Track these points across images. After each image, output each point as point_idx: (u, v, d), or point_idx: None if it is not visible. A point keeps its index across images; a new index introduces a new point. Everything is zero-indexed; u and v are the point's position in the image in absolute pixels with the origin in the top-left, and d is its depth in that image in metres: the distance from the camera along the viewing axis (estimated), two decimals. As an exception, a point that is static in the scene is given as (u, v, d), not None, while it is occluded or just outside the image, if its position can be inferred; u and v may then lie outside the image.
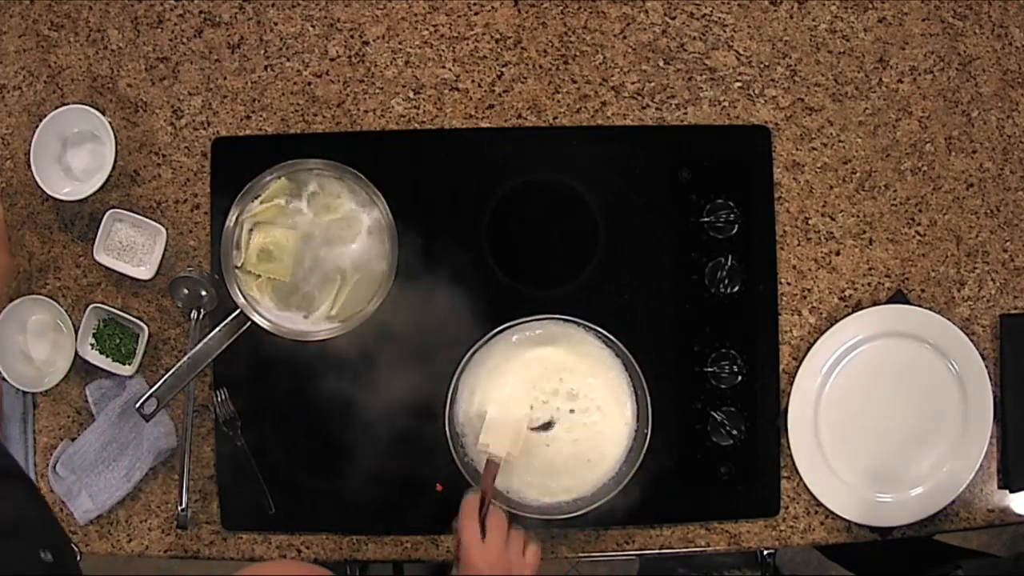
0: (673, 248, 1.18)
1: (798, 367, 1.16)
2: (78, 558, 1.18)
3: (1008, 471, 1.17)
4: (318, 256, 1.12)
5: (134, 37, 1.22)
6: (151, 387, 1.10)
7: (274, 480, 1.16)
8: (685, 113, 1.20)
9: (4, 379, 1.19)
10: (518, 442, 1.06)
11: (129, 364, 1.17)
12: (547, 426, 1.10)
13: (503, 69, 1.21)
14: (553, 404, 1.10)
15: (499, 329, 1.10)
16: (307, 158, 1.11)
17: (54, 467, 1.18)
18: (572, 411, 1.10)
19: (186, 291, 1.16)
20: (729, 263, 1.16)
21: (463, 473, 1.08)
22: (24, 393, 1.19)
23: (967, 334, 1.16)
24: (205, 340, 1.11)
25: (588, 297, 1.17)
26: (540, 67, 1.21)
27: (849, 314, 1.17)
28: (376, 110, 1.21)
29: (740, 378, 1.16)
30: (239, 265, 1.10)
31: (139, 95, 1.22)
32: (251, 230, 1.11)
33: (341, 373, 1.14)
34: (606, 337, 1.10)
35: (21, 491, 0.77)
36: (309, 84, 1.21)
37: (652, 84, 1.21)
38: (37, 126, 1.18)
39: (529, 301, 1.16)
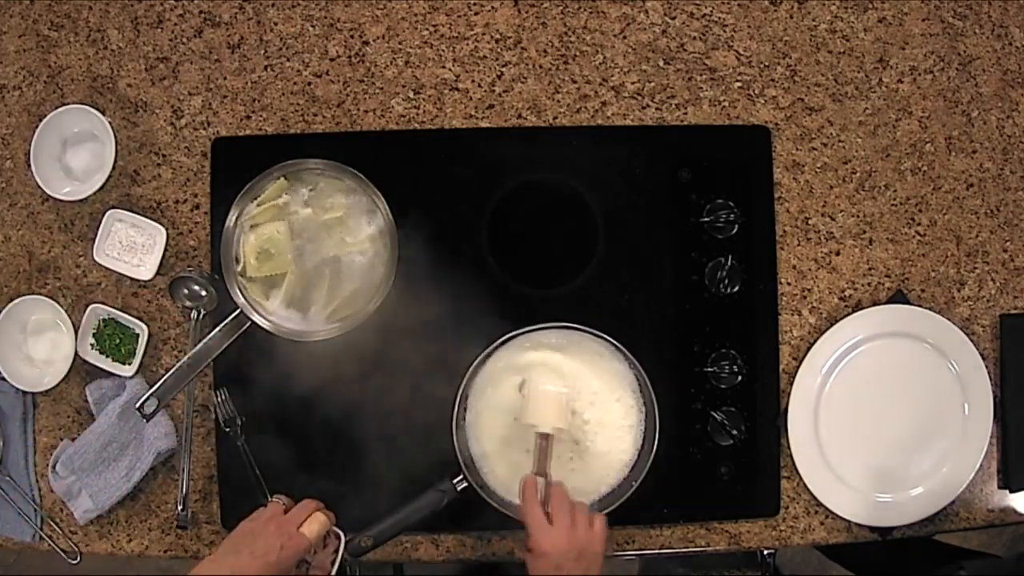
0: (673, 248, 1.18)
1: (798, 367, 1.16)
2: (77, 560, 1.19)
3: (1008, 471, 1.17)
4: (317, 256, 1.12)
5: (134, 37, 1.22)
6: (151, 387, 1.10)
7: (274, 480, 1.16)
8: (685, 113, 1.20)
9: (4, 379, 1.19)
10: (564, 414, 1.05)
11: (129, 364, 1.17)
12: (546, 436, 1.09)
13: (503, 69, 1.21)
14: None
15: (507, 336, 1.09)
16: (307, 158, 1.11)
17: (54, 467, 1.18)
18: (577, 423, 1.09)
19: (186, 291, 1.16)
20: (729, 263, 1.16)
21: (469, 479, 1.08)
22: (24, 393, 1.19)
23: (967, 334, 1.16)
24: (205, 340, 1.11)
25: (588, 297, 1.17)
26: (540, 67, 1.21)
27: (849, 314, 1.17)
28: (376, 110, 1.21)
29: (740, 378, 1.16)
30: (240, 272, 1.10)
31: (139, 95, 1.22)
32: (249, 230, 1.11)
33: (341, 373, 1.14)
34: (617, 348, 1.09)
35: None
36: (309, 84, 1.21)
37: (652, 84, 1.21)
38: (37, 126, 1.18)
39: (529, 301, 1.16)
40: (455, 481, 1.06)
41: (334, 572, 1.01)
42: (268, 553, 0.92)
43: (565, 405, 1.06)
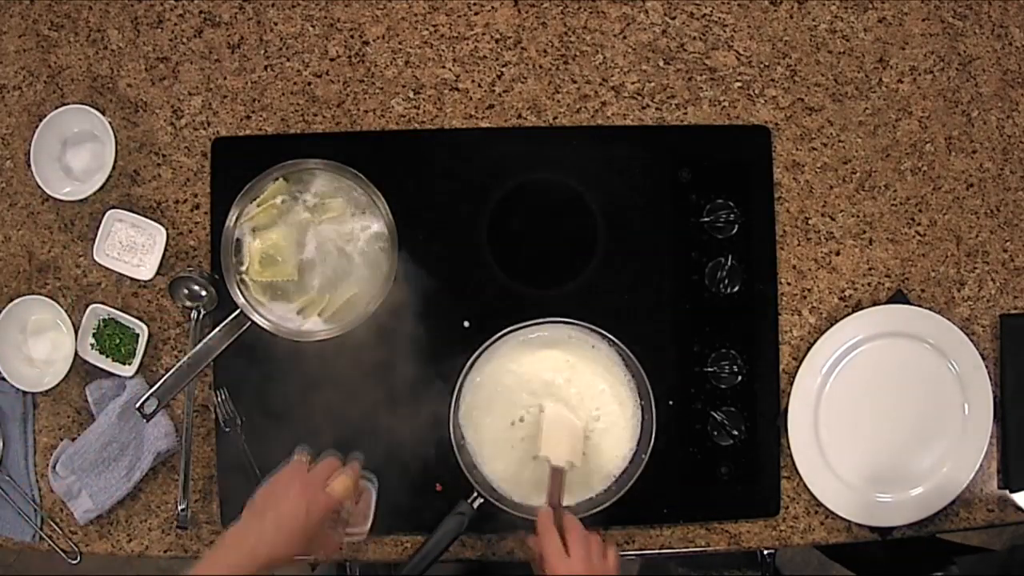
0: (673, 248, 1.18)
1: (798, 367, 1.16)
2: (77, 560, 1.19)
3: (1008, 471, 1.17)
4: (317, 256, 1.12)
5: (134, 37, 1.22)
6: (151, 387, 1.10)
7: (274, 480, 1.16)
8: (685, 113, 1.20)
9: (4, 379, 1.19)
10: (578, 449, 1.06)
11: (129, 364, 1.17)
12: None
13: (503, 69, 1.21)
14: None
15: (504, 332, 1.09)
16: (307, 158, 1.11)
17: (54, 467, 1.18)
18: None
19: (186, 291, 1.16)
20: (729, 263, 1.16)
21: (468, 477, 1.08)
22: (24, 393, 1.19)
23: (967, 334, 1.16)
24: (205, 340, 1.11)
25: (588, 297, 1.17)
26: (540, 67, 1.21)
27: (849, 314, 1.17)
28: (376, 110, 1.21)
29: (740, 378, 1.16)
30: (243, 272, 1.11)
31: (139, 95, 1.22)
32: (251, 232, 1.11)
33: (341, 373, 1.14)
34: (614, 343, 1.10)
35: None
36: (309, 84, 1.21)
37: (652, 84, 1.21)
38: (37, 126, 1.18)
39: (529, 301, 1.16)
40: (470, 500, 1.06)
41: (370, 522, 0.99)
42: (294, 518, 0.90)
43: (579, 439, 1.07)
